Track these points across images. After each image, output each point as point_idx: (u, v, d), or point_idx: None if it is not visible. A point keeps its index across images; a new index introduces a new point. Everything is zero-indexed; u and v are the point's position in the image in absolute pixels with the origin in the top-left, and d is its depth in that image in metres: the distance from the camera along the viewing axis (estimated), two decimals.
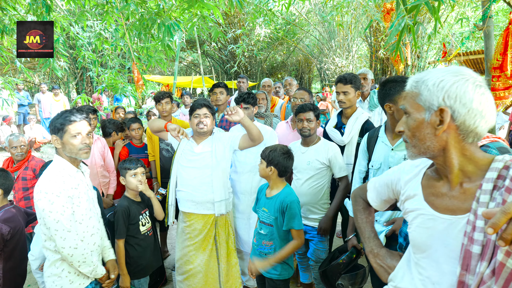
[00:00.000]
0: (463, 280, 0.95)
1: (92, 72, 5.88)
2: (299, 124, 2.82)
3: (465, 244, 0.95)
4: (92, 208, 2.08)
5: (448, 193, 1.04)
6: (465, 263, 0.95)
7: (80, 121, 1.98)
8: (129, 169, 2.60)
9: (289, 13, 13.56)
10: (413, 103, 1.06)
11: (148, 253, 2.67)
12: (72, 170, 1.98)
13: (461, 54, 6.79)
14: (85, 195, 2.01)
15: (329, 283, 2.35)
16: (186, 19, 4.09)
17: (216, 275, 2.83)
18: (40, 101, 10.03)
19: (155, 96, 3.77)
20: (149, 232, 2.72)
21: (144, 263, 2.63)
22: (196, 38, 8.77)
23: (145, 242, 2.65)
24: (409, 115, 1.07)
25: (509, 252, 0.82)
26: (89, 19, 4.94)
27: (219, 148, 2.80)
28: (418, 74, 1.08)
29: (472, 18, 8.36)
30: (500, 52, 3.07)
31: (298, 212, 2.29)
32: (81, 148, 1.96)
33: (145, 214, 2.73)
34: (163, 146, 3.67)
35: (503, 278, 0.84)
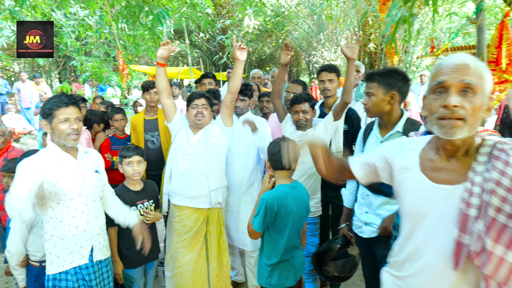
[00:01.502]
0: (461, 240, 1.08)
1: (75, 61, 5.66)
2: (295, 116, 2.77)
3: (463, 209, 1.08)
4: (78, 190, 2.04)
5: (446, 167, 1.18)
6: (463, 225, 1.08)
7: (68, 106, 1.98)
8: (124, 157, 2.54)
9: (279, 5, 13.44)
10: (480, 84, 1.10)
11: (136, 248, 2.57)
12: (54, 153, 2.01)
13: (448, 49, 6.83)
14: (67, 175, 2.00)
15: (318, 269, 2.45)
16: (175, 7, 3.96)
17: (205, 275, 2.75)
18: (19, 90, 9.69)
19: (143, 85, 3.64)
20: (143, 225, 2.61)
21: (133, 255, 2.54)
22: (184, 28, 8.59)
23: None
24: (475, 94, 1.09)
25: (499, 208, 1.02)
26: (72, 6, 4.74)
27: (211, 136, 2.75)
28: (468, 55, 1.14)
29: (459, 14, 8.42)
30: (495, 45, 3.08)
31: (259, 211, 2.06)
32: (68, 133, 1.97)
33: (143, 205, 2.63)
34: (148, 137, 3.54)
35: (495, 231, 1.02)
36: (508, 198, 1.01)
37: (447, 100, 1.09)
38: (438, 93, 1.14)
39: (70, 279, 2.04)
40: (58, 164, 2.00)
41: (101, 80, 4.68)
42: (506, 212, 1.01)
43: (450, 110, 1.09)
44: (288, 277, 2.16)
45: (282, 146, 1.35)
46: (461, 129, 1.09)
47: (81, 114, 2.09)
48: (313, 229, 2.85)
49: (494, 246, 1.02)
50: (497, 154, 1.09)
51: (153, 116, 3.58)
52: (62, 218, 1.98)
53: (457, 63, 1.11)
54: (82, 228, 2.05)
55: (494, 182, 1.05)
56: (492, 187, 1.04)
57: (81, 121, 2.06)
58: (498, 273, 1.02)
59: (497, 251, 1.01)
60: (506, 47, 3.03)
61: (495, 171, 1.06)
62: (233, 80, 2.70)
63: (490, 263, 1.02)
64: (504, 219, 1.02)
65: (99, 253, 2.16)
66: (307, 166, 2.72)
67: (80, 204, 2.05)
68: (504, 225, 1.02)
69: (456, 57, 1.14)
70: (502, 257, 1.01)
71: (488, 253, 1.02)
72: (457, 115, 1.08)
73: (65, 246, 2.01)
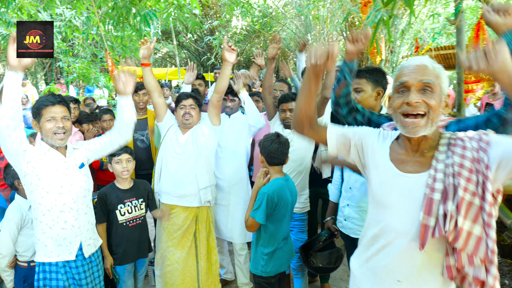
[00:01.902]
0: (426, 223, 1.19)
1: (62, 62, 5.62)
2: (282, 114, 2.83)
3: (427, 194, 1.20)
4: (68, 186, 2.07)
5: (412, 160, 1.30)
6: (427, 209, 1.19)
7: (54, 105, 2.00)
8: (113, 155, 2.58)
9: (266, 6, 13.51)
10: (438, 83, 1.23)
11: (125, 244, 2.61)
12: (44, 149, 2.04)
13: (432, 49, 6.98)
14: (57, 171, 2.04)
15: (305, 260, 2.56)
16: (162, 8, 3.98)
17: (195, 274, 2.79)
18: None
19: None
20: (131, 223, 2.66)
21: (120, 252, 2.59)
22: (171, 29, 8.58)
23: (122, 232, 2.61)
24: (434, 92, 1.23)
25: (465, 188, 1.14)
26: (59, 7, 4.72)
27: (200, 135, 2.79)
28: (426, 58, 1.28)
29: (443, 15, 8.61)
30: (472, 46, 3.19)
31: (261, 204, 2.17)
32: (54, 132, 1.99)
33: (131, 204, 2.66)
34: (137, 136, 3.57)
35: (464, 209, 1.14)
36: (471, 178, 1.15)
37: (409, 97, 1.23)
38: (401, 92, 1.28)
39: (59, 271, 2.06)
40: (48, 160, 2.03)
41: (89, 81, 4.66)
42: (471, 191, 1.15)
43: (412, 106, 1.22)
44: (282, 263, 2.33)
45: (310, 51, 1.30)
46: (423, 128, 1.22)
47: (69, 113, 2.10)
48: (301, 225, 2.92)
49: (464, 222, 1.13)
50: (454, 142, 1.24)
51: (142, 115, 3.61)
52: (51, 208, 2.02)
53: (416, 65, 1.26)
54: (71, 224, 2.08)
55: (458, 165, 1.18)
56: (457, 170, 1.17)
57: (69, 120, 2.07)
58: (468, 246, 1.14)
59: (465, 226, 1.13)
60: (482, 47, 3.13)
61: (456, 155, 1.20)
62: (220, 81, 2.75)
63: (461, 238, 1.13)
64: (470, 197, 1.14)
65: (88, 248, 2.18)
66: (296, 164, 2.79)
67: (69, 200, 2.07)
68: (470, 202, 1.15)
69: (415, 59, 1.29)
70: (470, 231, 1.14)
71: (459, 229, 1.13)
72: (418, 110, 1.21)
73: (53, 236, 2.03)
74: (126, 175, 2.62)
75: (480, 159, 1.16)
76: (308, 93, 1.43)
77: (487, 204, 1.13)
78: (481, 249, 1.14)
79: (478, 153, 1.17)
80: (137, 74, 9.60)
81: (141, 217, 2.73)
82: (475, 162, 1.17)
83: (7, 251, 2.29)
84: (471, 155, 1.18)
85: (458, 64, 3.37)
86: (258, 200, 2.21)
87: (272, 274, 2.29)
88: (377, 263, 1.37)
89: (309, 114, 1.46)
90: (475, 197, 1.15)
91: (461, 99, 3.29)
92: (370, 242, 1.41)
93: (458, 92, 3.42)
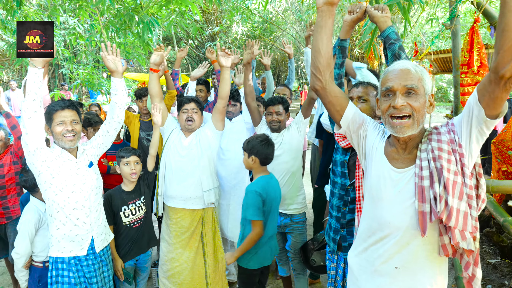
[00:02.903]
0: (422, 209, 1.27)
1: (65, 69, 5.71)
2: (269, 117, 2.88)
3: (417, 183, 1.30)
4: (80, 185, 2.18)
5: (401, 158, 1.40)
6: (420, 196, 1.28)
7: (63, 110, 2.12)
8: (122, 157, 2.64)
9: (266, 11, 13.62)
10: (421, 86, 1.34)
11: (129, 244, 2.66)
12: (57, 151, 2.15)
13: (431, 53, 7.05)
14: (69, 170, 2.16)
15: (305, 260, 2.60)
16: (164, 15, 4.06)
17: (203, 271, 2.84)
18: (9, 99, 9.65)
19: (136, 92, 3.75)
20: (134, 224, 2.70)
21: (122, 252, 2.64)
22: (173, 35, 8.68)
23: (125, 233, 2.65)
24: (417, 94, 1.32)
25: (448, 169, 1.25)
26: (62, 15, 4.81)
27: (203, 139, 2.84)
28: (409, 62, 1.40)
29: (441, 19, 8.69)
30: (467, 49, 3.25)
31: (252, 202, 2.30)
32: (64, 134, 2.10)
33: (134, 205, 2.70)
34: (143, 135, 3.66)
35: (451, 188, 1.24)
36: (451, 159, 1.28)
37: (394, 101, 1.33)
38: (387, 96, 1.38)
39: (71, 269, 2.15)
40: (61, 161, 2.15)
41: (93, 87, 4.74)
42: (453, 171, 1.26)
43: (398, 109, 1.32)
44: (266, 258, 2.46)
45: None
46: (410, 128, 1.33)
47: (79, 117, 2.21)
48: (301, 227, 2.95)
49: (453, 201, 1.23)
50: (430, 132, 1.38)
51: (147, 118, 3.73)
52: (64, 205, 2.12)
53: (400, 69, 1.36)
54: (83, 220, 2.17)
55: (436, 149, 1.30)
56: (437, 154, 1.29)
57: (78, 123, 2.18)
58: (458, 222, 1.23)
59: (454, 204, 1.23)
60: (477, 51, 3.20)
61: (433, 141, 1.33)
62: (222, 86, 2.79)
63: (453, 216, 1.22)
64: (453, 177, 1.26)
65: (101, 243, 2.28)
66: (288, 165, 2.84)
67: (81, 198, 2.17)
68: (454, 181, 1.25)
69: (399, 64, 1.38)
70: (458, 208, 1.23)
71: (450, 208, 1.22)
72: (404, 112, 1.32)
73: (66, 232, 2.14)
74: (135, 178, 2.67)
75: (452, 139, 1.30)
76: (325, 31, 1.47)
77: (467, 178, 1.26)
78: (469, 223, 1.23)
79: (450, 134, 1.31)
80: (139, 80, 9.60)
81: (142, 218, 2.77)
82: (451, 143, 1.30)
83: (24, 251, 2.35)
84: (446, 138, 1.31)
85: (455, 67, 3.43)
86: (245, 199, 2.33)
87: (255, 267, 2.43)
88: (374, 253, 1.44)
89: (330, 55, 1.49)
90: (458, 176, 1.26)
91: (458, 102, 3.34)
92: (366, 234, 1.49)
93: (455, 95, 3.48)
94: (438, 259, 1.34)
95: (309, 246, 2.58)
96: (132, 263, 2.72)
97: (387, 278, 1.40)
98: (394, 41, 1.82)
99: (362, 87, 2.06)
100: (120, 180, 2.79)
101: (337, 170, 2.13)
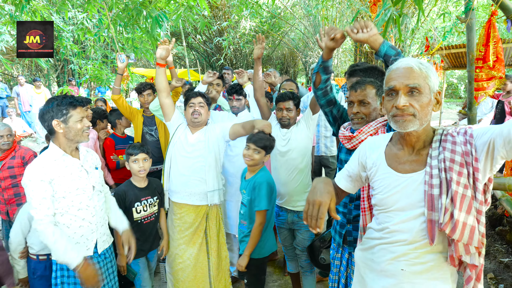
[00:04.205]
0: (431, 218, 1.24)
1: (73, 65, 5.73)
2: (279, 113, 2.84)
3: (427, 191, 1.26)
4: (83, 187, 2.15)
5: (409, 159, 1.35)
6: (430, 204, 1.25)
7: (83, 106, 2.16)
8: (131, 154, 2.65)
9: (275, 6, 13.52)
10: (425, 84, 1.28)
11: (140, 240, 2.64)
12: (58, 155, 2.10)
13: (443, 48, 6.91)
14: (71, 175, 2.11)
15: (313, 259, 2.58)
16: (172, 9, 4.03)
17: (206, 269, 2.83)
18: (18, 94, 9.74)
19: (137, 87, 3.76)
20: (145, 220, 2.70)
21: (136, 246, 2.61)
22: (181, 30, 8.65)
23: (137, 229, 2.63)
24: (421, 93, 1.28)
25: (458, 182, 1.21)
26: (70, 10, 4.82)
27: (212, 138, 2.80)
28: (412, 59, 1.33)
29: (454, 13, 8.52)
30: (483, 43, 3.16)
31: (265, 193, 2.41)
32: (84, 130, 2.12)
33: (146, 202, 2.71)
34: (146, 130, 3.67)
35: (458, 201, 1.20)
36: (462, 172, 1.22)
37: (397, 101, 1.29)
38: (391, 95, 1.34)
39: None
40: (64, 165, 2.09)
41: (102, 82, 4.75)
42: (463, 184, 1.22)
43: (400, 109, 1.28)
44: (274, 243, 2.62)
45: None
46: (412, 123, 1.28)
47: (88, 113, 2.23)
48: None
49: (459, 214, 1.20)
50: (445, 138, 1.31)
51: (149, 114, 3.76)
52: (68, 209, 2.09)
53: (403, 68, 1.31)
54: (88, 221, 2.16)
55: (449, 160, 1.24)
56: (448, 165, 1.24)
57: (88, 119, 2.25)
58: (464, 236, 1.20)
59: (461, 218, 1.20)
60: (493, 45, 3.11)
61: (446, 151, 1.26)
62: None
63: (457, 229, 1.20)
64: (463, 190, 1.21)
65: (103, 244, 2.26)
66: (297, 161, 2.79)
67: (85, 199, 2.15)
68: (463, 195, 1.21)
69: (402, 62, 1.33)
70: (465, 222, 1.20)
71: (455, 221, 1.20)
72: (406, 112, 1.28)
73: (71, 235, 2.10)
74: (143, 174, 2.68)
75: (468, 151, 1.23)
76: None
77: (478, 193, 1.22)
78: (475, 238, 1.21)
79: (466, 146, 1.24)
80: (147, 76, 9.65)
81: (155, 213, 2.78)
82: (465, 155, 1.23)
83: (14, 238, 2.38)
84: (460, 149, 1.24)
85: (469, 62, 3.35)
86: (258, 189, 2.41)
87: (267, 254, 2.57)
88: (381, 254, 1.41)
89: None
90: (468, 189, 1.21)
91: (472, 97, 3.26)
92: (374, 235, 1.46)
93: (469, 91, 3.38)
94: (447, 268, 1.31)
95: (316, 244, 2.54)
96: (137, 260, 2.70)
97: (393, 279, 1.37)
98: (394, 56, 1.72)
99: (360, 89, 1.93)
100: (129, 174, 2.79)
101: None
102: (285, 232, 2.94)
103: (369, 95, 1.92)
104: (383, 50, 1.73)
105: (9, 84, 15.58)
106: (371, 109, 1.93)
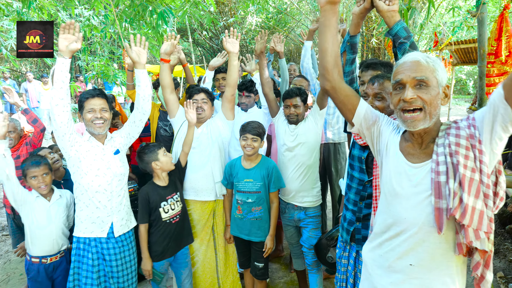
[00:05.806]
0: (438, 206, 1.24)
1: (80, 61, 5.74)
2: (286, 110, 2.81)
3: (434, 178, 1.26)
4: (104, 170, 2.29)
5: (417, 153, 1.36)
6: (437, 192, 1.24)
7: (93, 98, 2.24)
8: (159, 148, 2.60)
9: (281, 2, 13.42)
10: (433, 77, 1.28)
11: (167, 240, 2.57)
12: (86, 137, 2.31)
13: (452, 43, 6.81)
14: (95, 155, 2.29)
15: (321, 257, 2.59)
16: (178, 5, 4.01)
17: (214, 265, 2.84)
18: (27, 90, 9.82)
19: (153, 83, 3.73)
20: (173, 219, 2.60)
21: (159, 249, 2.55)
22: (187, 26, 8.64)
23: (165, 229, 2.56)
24: (429, 86, 1.27)
25: (465, 165, 1.20)
26: (77, 7, 4.82)
27: (214, 129, 2.82)
28: (419, 53, 1.32)
29: (463, 8, 8.38)
30: (495, 38, 3.10)
31: (280, 174, 2.73)
32: (93, 121, 2.22)
33: (172, 199, 2.62)
34: (161, 124, 3.64)
35: (466, 185, 1.19)
36: (468, 155, 1.22)
37: (404, 94, 1.29)
38: (398, 89, 1.34)
39: (91, 250, 2.24)
40: (90, 146, 2.29)
41: (108, 78, 4.76)
42: (470, 167, 1.21)
43: (408, 103, 1.28)
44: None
45: None
46: (422, 121, 1.28)
47: (108, 105, 2.30)
48: (316, 222, 2.90)
49: (468, 198, 1.19)
50: (449, 125, 1.32)
51: (164, 108, 3.70)
52: (88, 188, 2.26)
53: (410, 61, 1.32)
54: (104, 204, 2.26)
55: (454, 144, 1.25)
56: (454, 149, 1.24)
57: (107, 111, 2.29)
58: (473, 221, 1.19)
59: (470, 202, 1.19)
60: (506, 39, 3.05)
61: (451, 136, 1.27)
62: (230, 73, 2.74)
63: (467, 214, 1.18)
64: (470, 173, 1.21)
65: (120, 228, 2.33)
66: (305, 157, 2.77)
67: (104, 183, 2.26)
68: (471, 178, 1.20)
69: (409, 56, 1.33)
70: (474, 206, 1.19)
71: (464, 205, 1.18)
72: (414, 105, 1.28)
73: (89, 214, 2.25)
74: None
75: (472, 134, 1.23)
76: (330, 30, 1.43)
77: (484, 176, 1.20)
78: (484, 222, 1.19)
79: (470, 129, 1.25)
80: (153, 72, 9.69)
81: (181, 212, 2.68)
82: (470, 139, 1.23)
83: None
84: (465, 133, 1.25)
85: (480, 57, 3.28)
86: (276, 172, 2.67)
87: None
88: (389, 249, 1.40)
89: (337, 54, 1.45)
90: (475, 173, 1.21)
91: (483, 93, 3.19)
92: (381, 230, 1.45)
93: (480, 86, 3.32)
94: (455, 258, 1.30)
95: (323, 243, 2.52)
96: (163, 263, 2.61)
97: (401, 275, 1.36)
98: (404, 39, 1.70)
99: (378, 83, 1.91)
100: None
101: (356, 165, 2.08)
102: (292, 229, 2.92)
103: (386, 90, 1.90)
104: (395, 29, 1.73)
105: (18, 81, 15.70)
106: (386, 105, 1.90)
